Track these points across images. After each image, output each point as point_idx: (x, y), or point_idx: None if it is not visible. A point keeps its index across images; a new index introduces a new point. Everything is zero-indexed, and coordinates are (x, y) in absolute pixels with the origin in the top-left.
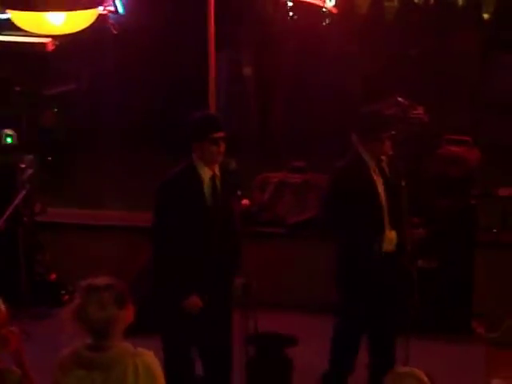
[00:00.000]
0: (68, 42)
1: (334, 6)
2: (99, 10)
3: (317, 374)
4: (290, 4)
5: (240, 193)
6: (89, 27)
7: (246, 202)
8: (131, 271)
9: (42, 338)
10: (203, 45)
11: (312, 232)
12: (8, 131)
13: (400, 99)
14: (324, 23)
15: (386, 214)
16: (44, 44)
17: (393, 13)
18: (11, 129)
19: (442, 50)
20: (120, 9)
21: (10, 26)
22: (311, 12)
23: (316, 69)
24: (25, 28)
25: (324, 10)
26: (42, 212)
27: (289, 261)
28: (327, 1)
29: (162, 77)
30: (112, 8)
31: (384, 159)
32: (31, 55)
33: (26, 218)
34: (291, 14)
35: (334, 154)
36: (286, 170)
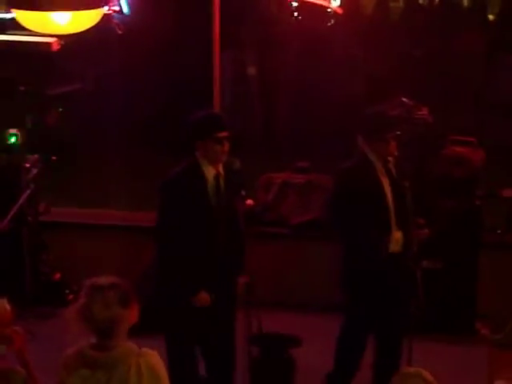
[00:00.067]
0: (73, 42)
1: (339, 6)
2: (104, 10)
3: (320, 374)
4: (295, 4)
5: (244, 193)
6: (94, 27)
7: (250, 202)
8: (135, 271)
9: (46, 338)
10: (208, 45)
11: (316, 232)
12: (12, 131)
13: (404, 100)
14: (329, 24)
15: (392, 214)
16: (49, 44)
17: (398, 13)
18: (16, 128)
19: (447, 51)
20: (125, 9)
21: (14, 26)
22: (316, 12)
23: (320, 69)
24: (30, 27)
25: (329, 10)
26: (46, 212)
27: (292, 261)
28: (332, 1)
29: (166, 77)
30: (117, 8)
31: (391, 160)
32: (36, 55)
33: (30, 218)
34: (296, 14)
35: (337, 155)
36: (290, 171)
